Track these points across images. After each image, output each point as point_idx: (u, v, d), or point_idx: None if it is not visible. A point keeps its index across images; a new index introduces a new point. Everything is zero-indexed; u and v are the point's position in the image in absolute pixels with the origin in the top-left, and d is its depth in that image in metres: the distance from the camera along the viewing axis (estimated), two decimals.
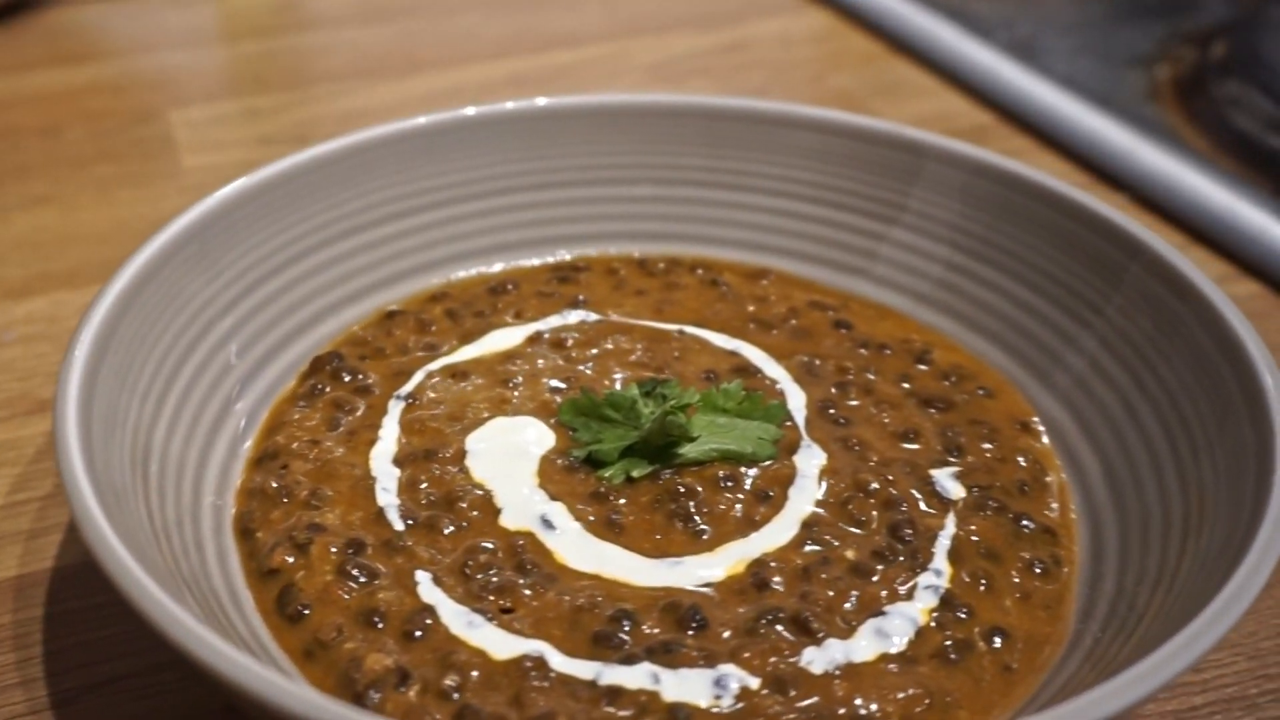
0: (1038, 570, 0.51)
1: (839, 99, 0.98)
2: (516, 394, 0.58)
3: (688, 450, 0.54)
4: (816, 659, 0.46)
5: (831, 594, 0.48)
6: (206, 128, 0.93)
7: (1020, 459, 0.56)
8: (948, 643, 0.47)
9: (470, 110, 0.65)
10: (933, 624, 0.48)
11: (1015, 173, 0.62)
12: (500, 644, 0.46)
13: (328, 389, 0.59)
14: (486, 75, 1.01)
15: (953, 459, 0.55)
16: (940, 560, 0.50)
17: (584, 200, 0.68)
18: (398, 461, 0.54)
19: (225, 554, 0.51)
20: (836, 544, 0.51)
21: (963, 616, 0.48)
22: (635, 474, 0.53)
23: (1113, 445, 0.55)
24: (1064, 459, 0.56)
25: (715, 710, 0.44)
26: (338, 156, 0.62)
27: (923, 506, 0.53)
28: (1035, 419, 0.58)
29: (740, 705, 0.44)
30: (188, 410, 0.54)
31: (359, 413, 0.57)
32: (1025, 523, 0.52)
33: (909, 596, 0.49)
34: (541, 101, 0.66)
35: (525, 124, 0.66)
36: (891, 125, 0.65)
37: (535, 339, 0.62)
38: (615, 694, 0.44)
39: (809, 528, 0.51)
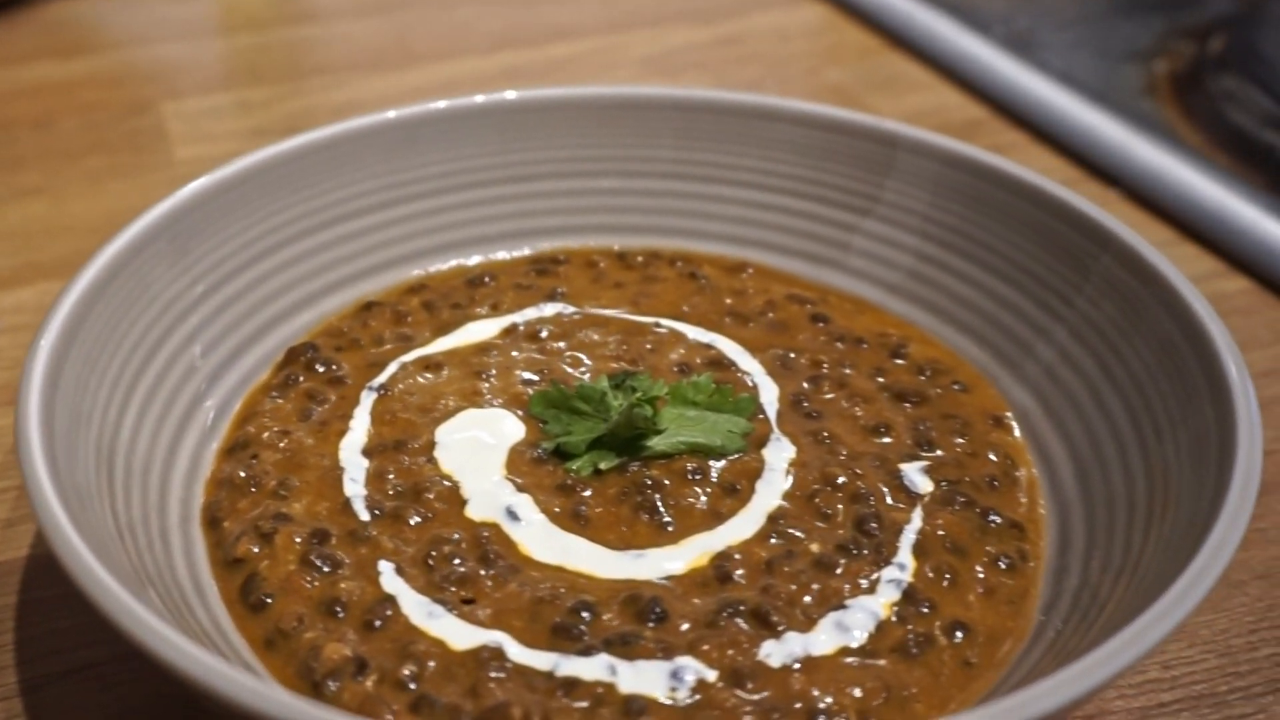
0: (1003, 565, 0.50)
1: (834, 93, 0.98)
2: (488, 386, 0.58)
3: (656, 443, 0.53)
4: (775, 652, 0.46)
5: (794, 587, 0.48)
6: (200, 120, 0.94)
7: (991, 454, 0.55)
8: (908, 637, 0.47)
9: (440, 104, 0.65)
10: (894, 618, 0.47)
11: (986, 163, 0.61)
12: (460, 635, 0.46)
13: (301, 379, 0.59)
14: (482, 68, 1.02)
15: (923, 453, 0.55)
16: (904, 554, 0.50)
17: (564, 193, 0.68)
18: (367, 452, 0.55)
19: (191, 544, 0.51)
20: (801, 537, 0.50)
21: (925, 611, 0.48)
22: (603, 466, 0.53)
23: (1079, 431, 0.55)
24: (1034, 451, 0.56)
25: (671, 702, 0.44)
26: (315, 148, 0.62)
27: (889, 500, 0.52)
28: (1008, 414, 0.58)
29: (696, 698, 0.44)
30: (154, 409, 0.54)
31: (331, 403, 0.57)
32: (993, 517, 0.52)
33: (871, 590, 0.48)
34: (510, 95, 0.66)
35: (497, 117, 0.66)
36: (864, 117, 0.65)
37: (510, 331, 0.62)
38: (571, 685, 0.44)
39: (775, 521, 0.51)
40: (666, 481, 0.52)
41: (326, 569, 0.49)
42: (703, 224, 0.68)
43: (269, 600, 0.48)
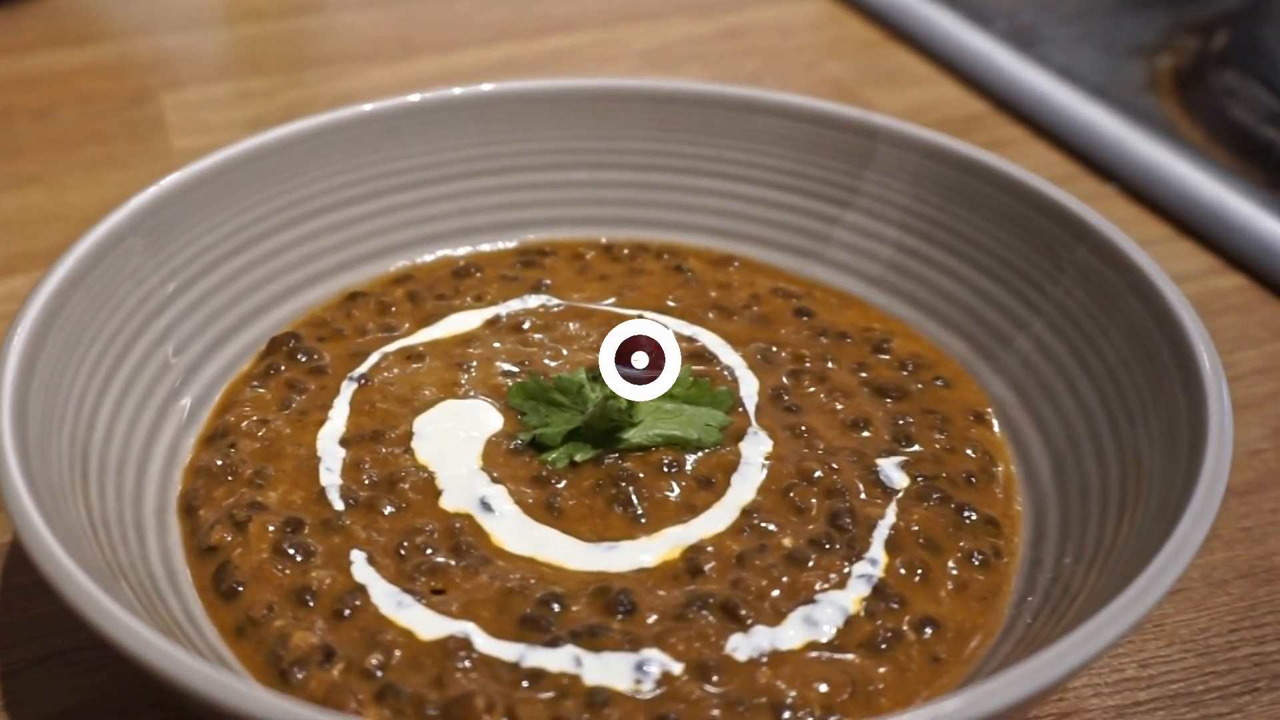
0: (976, 561, 0.50)
1: (833, 87, 0.97)
2: (469, 377, 0.58)
3: (632, 435, 0.53)
4: (742, 645, 0.45)
5: (764, 582, 0.48)
6: (198, 110, 0.94)
7: (970, 450, 0.55)
8: (877, 632, 0.46)
9: (416, 96, 0.65)
10: (863, 613, 0.47)
11: (964, 155, 0.61)
12: (428, 625, 0.46)
13: (283, 369, 0.59)
14: (480, 60, 1.02)
15: (902, 448, 0.55)
16: (877, 549, 0.50)
17: (550, 185, 0.68)
18: (344, 442, 0.55)
19: (167, 532, 0.51)
20: (774, 531, 0.50)
21: (894, 607, 0.48)
22: (578, 458, 0.53)
23: (1055, 421, 0.55)
24: (1012, 444, 0.56)
25: (636, 695, 0.44)
26: (298, 140, 0.62)
27: (864, 495, 0.52)
28: (989, 410, 0.58)
29: (661, 690, 0.44)
30: (128, 405, 0.54)
31: (311, 393, 0.58)
32: (968, 514, 0.52)
33: (841, 585, 0.48)
34: (487, 87, 0.66)
35: (477, 109, 0.66)
36: (845, 108, 0.65)
37: (493, 323, 0.62)
38: (537, 676, 0.44)
39: (748, 515, 0.51)
40: (641, 474, 0.52)
41: (298, 558, 0.49)
42: (689, 217, 0.68)
43: (240, 588, 0.48)
